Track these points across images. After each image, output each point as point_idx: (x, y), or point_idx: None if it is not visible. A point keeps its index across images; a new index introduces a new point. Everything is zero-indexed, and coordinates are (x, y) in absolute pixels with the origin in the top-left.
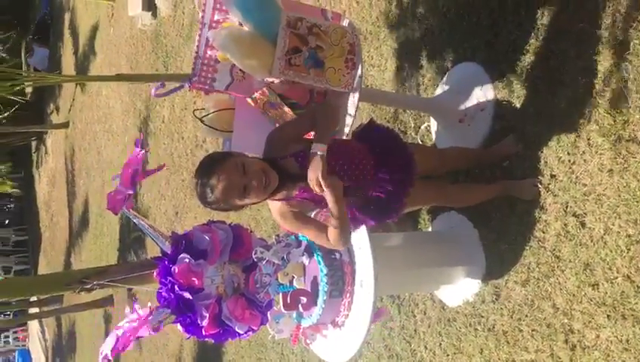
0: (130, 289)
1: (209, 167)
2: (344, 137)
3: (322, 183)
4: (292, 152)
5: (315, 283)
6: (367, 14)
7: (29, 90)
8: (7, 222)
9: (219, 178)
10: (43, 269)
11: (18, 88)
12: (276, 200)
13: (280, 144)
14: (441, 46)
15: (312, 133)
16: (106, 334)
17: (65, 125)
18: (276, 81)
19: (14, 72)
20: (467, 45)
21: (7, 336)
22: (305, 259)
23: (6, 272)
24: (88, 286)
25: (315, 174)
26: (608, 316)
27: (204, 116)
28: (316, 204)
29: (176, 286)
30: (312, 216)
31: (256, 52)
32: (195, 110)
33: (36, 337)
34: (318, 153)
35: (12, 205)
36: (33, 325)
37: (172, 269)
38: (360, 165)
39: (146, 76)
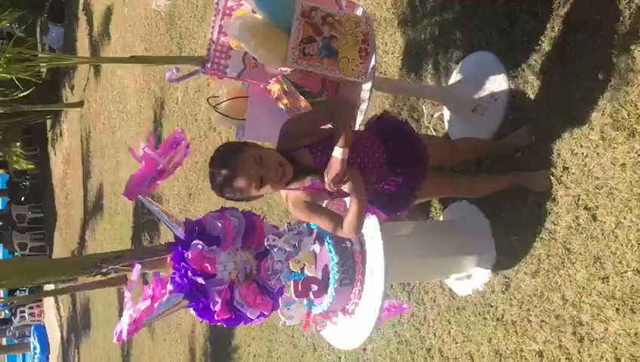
0: (144, 274)
1: (227, 158)
2: (357, 127)
3: (339, 182)
4: (306, 144)
5: (326, 271)
6: (383, 0)
7: (44, 69)
8: (22, 199)
9: (237, 169)
10: (58, 246)
11: (34, 70)
12: (289, 189)
13: (294, 135)
14: (456, 34)
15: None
16: (120, 312)
17: (80, 104)
18: (289, 70)
19: (30, 53)
20: (482, 34)
21: (23, 312)
22: (316, 247)
23: (22, 249)
24: (104, 271)
25: (332, 176)
26: (617, 309)
27: (218, 104)
28: (329, 194)
29: (189, 272)
30: (324, 205)
31: (270, 41)
32: (209, 98)
33: (51, 313)
34: (340, 157)
35: (28, 182)
36: (48, 301)
37: (185, 255)
38: (373, 158)
39: (160, 58)
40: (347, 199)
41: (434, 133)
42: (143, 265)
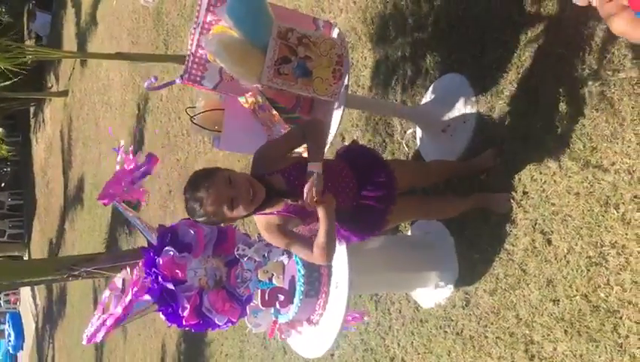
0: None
1: (197, 181)
2: (328, 145)
3: (317, 199)
4: (279, 168)
5: (292, 282)
6: (363, 16)
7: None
8: (2, 185)
9: (207, 191)
10: (36, 235)
11: (19, 61)
12: (262, 214)
13: (268, 160)
14: (431, 55)
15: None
16: (95, 304)
17: (64, 93)
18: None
19: (16, 45)
20: (455, 57)
21: None
22: (284, 259)
23: (0, 235)
24: (76, 273)
25: (311, 191)
26: (565, 331)
27: (195, 115)
28: (301, 219)
29: (160, 277)
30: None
31: (246, 60)
32: (187, 108)
33: (27, 301)
34: (315, 171)
35: (8, 169)
36: (25, 289)
37: (157, 261)
38: (343, 183)
39: (146, 56)
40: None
41: (406, 149)
42: (116, 269)
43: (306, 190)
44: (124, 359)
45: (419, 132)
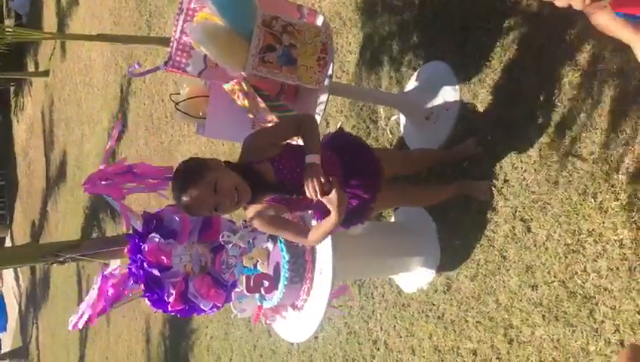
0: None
1: (183, 180)
2: None
3: (321, 191)
4: (268, 157)
5: (277, 268)
6: (348, 1)
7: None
8: None
9: (190, 196)
10: (19, 216)
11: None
12: (251, 204)
13: (258, 148)
14: (415, 42)
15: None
16: (79, 285)
17: (45, 73)
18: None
19: None
20: (439, 44)
21: None
22: (269, 245)
23: None
24: (61, 259)
25: (312, 181)
26: (543, 316)
27: (179, 102)
28: (287, 207)
29: (145, 264)
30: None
31: (231, 48)
32: (171, 94)
33: (10, 282)
34: (315, 162)
35: None
36: (7, 271)
37: (142, 247)
38: (330, 172)
39: (128, 38)
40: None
41: (390, 136)
42: (101, 255)
43: (309, 184)
44: (109, 340)
45: (402, 119)
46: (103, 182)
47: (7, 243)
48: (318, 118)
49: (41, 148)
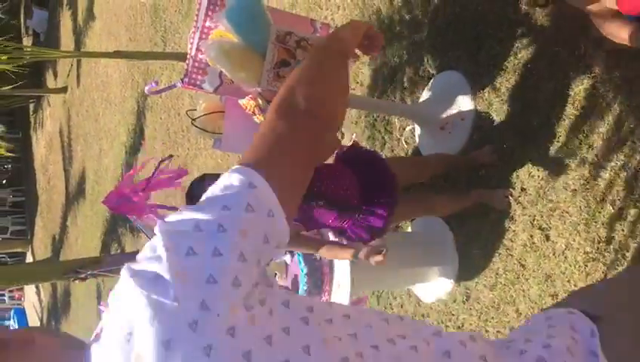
0: None
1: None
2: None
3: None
4: None
5: (295, 281)
6: (361, 12)
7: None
8: (4, 182)
9: None
10: (39, 231)
11: (19, 63)
12: None
13: None
14: (428, 52)
15: None
16: (99, 300)
17: (63, 90)
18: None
19: (15, 46)
20: (452, 54)
21: (3, 295)
22: (287, 258)
23: (2, 232)
24: (83, 276)
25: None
26: None
27: (196, 118)
28: (303, 225)
29: None
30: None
31: (246, 65)
32: (187, 110)
33: (32, 297)
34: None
35: (9, 165)
36: (29, 286)
37: None
38: (344, 185)
39: (144, 54)
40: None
41: (405, 146)
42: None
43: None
44: None
45: (417, 129)
46: (123, 203)
47: (29, 258)
48: None
49: (60, 163)
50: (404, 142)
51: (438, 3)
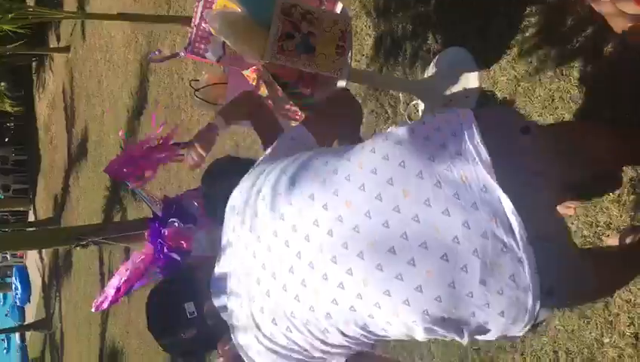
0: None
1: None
2: None
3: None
4: None
5: None
6: None
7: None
8: (6, 140)
9: None
10: (41, 191)
11: (22, 24)
12: None
13: None
14: (435, 26)
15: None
16: (100, 260)
17: (66, 49)
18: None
19: (18, 6)
20: (459, 30)
21: (6, 252)
22: None
23: (5, 190)
24: (84, 243)
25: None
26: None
27: (198, 89)
28: None
29: (165, 248)
30: None
31: (250, 37)
32: (190, 80)
33: (33, 255)
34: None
35: (12, 124)
36: None
37: (162, 232)
38: None
39: (148, 17)
40: None
41: (409, 122)
42: (122, 239)
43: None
44: (130, 314)
45: (421, 105)
46: (125, 169)
47: (31, 217)
48: None
49: (62, 123)
50: (407, 118)
51: None
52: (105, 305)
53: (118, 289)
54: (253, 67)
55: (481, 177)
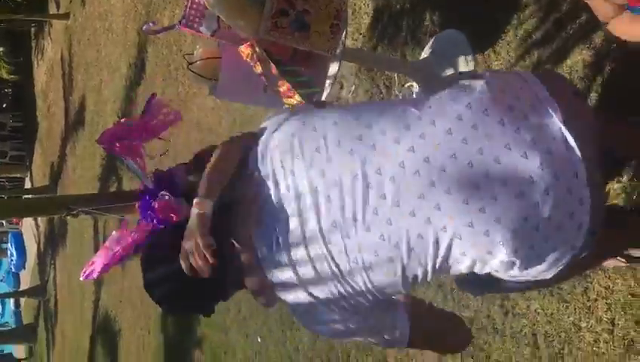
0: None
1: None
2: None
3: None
4: None
5: None
6: None
7: None
8: (4, 105)
9: None
10: (38, 158)
11: None
12: None
13: None
14: (432, 9)
15: None
16: (94, 228)
17: (65, 16)
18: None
19: None
20: (455, 13)
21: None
22: None
23: (2, 157)
24: (74, 212)
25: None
26: (539, 291)
27: (192, 63)
28: None
29: (154, 220)
30: None
31: (244, 12)
32: (185, 54)
33: (29, 222)
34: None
35: (9, 90)
36: None
37: (152, 204)
38: None
39: None
40: None
41: None
42: (113, 210)
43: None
44: (123, 284)
45: (415, 86)
46: (118, 144)
47: (27, 184)
48: (329, 82)
49: (60, 91)
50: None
51: None
52: (95, 275)
53: (106, 264)
54: (248, 43)
55: (554, 128)
